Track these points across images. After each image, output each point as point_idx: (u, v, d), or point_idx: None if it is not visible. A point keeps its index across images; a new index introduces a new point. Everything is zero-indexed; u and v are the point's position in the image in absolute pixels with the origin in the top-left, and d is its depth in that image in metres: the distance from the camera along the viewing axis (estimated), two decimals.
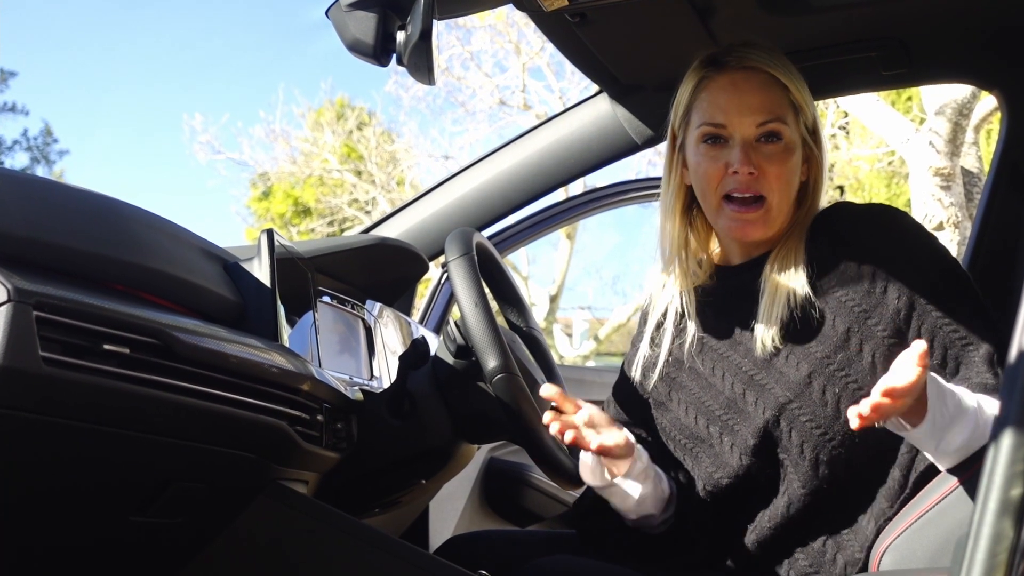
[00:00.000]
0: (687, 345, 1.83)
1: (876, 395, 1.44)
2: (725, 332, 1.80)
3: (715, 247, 1.89)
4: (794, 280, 1.72)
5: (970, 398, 1.57)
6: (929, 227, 6.27)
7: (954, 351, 1.64)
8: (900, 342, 1.63)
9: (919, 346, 1.44)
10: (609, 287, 23.60)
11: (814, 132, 1.78)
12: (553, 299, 15.86)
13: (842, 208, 1.79)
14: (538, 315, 15.36)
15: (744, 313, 1.77)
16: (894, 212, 1.75)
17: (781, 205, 1.74)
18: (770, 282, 1.74)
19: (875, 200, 13.01)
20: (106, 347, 1.14)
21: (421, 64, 1.52)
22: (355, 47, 1.53)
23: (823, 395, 1.65)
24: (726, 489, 1.74)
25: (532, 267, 16.61)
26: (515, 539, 2.08)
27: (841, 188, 13.74)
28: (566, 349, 16.28)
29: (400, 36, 1.53)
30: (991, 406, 1.57)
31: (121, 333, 1.16)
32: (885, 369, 1.60)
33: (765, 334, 1.72)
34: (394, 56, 1.55)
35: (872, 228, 1.72)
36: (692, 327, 1.83)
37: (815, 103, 1.83)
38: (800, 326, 1.70)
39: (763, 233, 1.75)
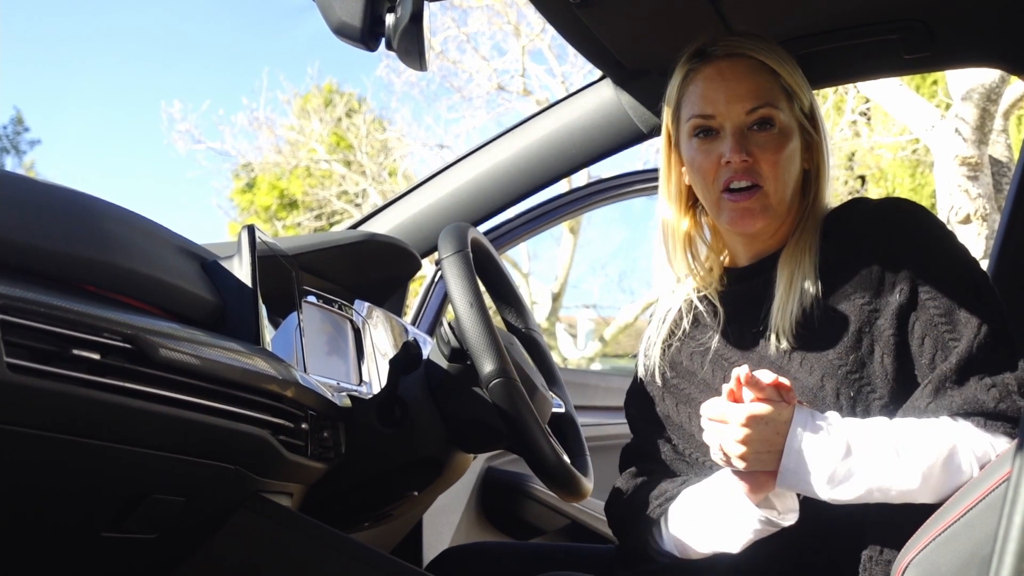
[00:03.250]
0: (697, 355, 1.84)
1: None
2: (736, 339, 1.81)
3: (724, 251, 1.91)
4: (806, 281, 1.74)
5: (880, 435, 1.60)
6: (956, 220, 6.32)
7: (943, 353, 1.65)
8: (903, 340, 1.67)
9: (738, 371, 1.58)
10: (615, 284, 23.61)
11: (812, 117, 1.81)
12: (556, 297, 15.87)
13: (857, 204, 1.81)
14: (540, 314, 15.37)
15: (754, 318, 1.79)
16: (910, 206, 1.76)
17: (781, 193, 1.76)
18: (781, 284, 1.76)
19: (899, 191, 13.02)
20: (75, 352, 1.14)
21: (411, 48, 1.52)
22: (341, 30, 1.53)
23: (837, 399, 1.67)
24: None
25: (533, 263, 16.62)
26: (513, 552, 2.09)
27: (863, 178, 13.74)
28: (570, 350, 16.29)
29: (389, 18, 1.52)
30: (918, 431, 1.60)
31: (91, 337, 1.16)
32: (896, 369, 1.66)
33: (778, 338, 1.74)
34: (383, 40, 1.54)
35: (885, 224, 1.73)
36: (701, 335, 1.85)
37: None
38: (812, 329, 1.72)
39: (765, 223, 1.77)
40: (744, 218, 1.76)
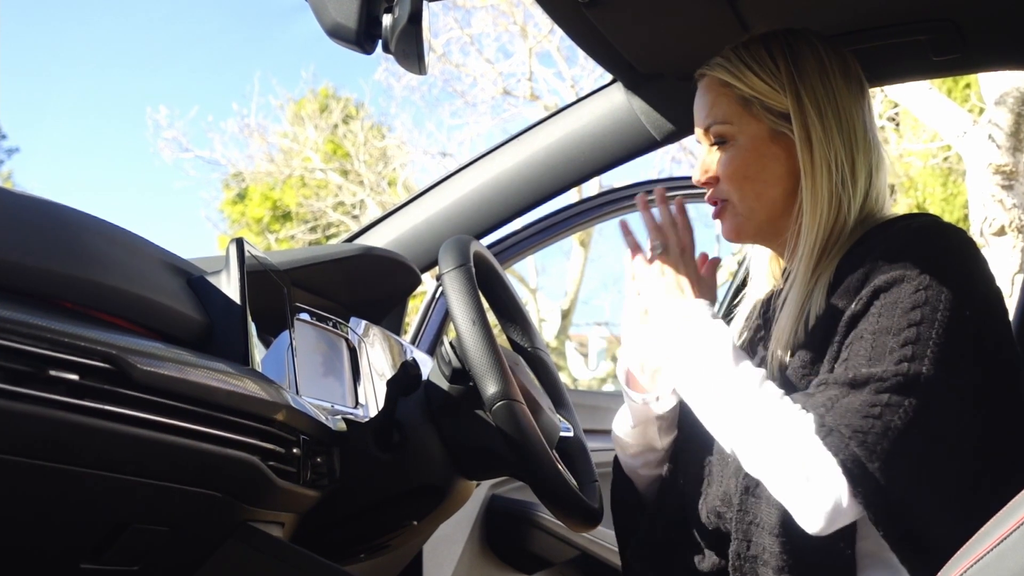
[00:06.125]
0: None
1: None
2: (756, 345, 1.87)
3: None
4: (811, 294, 1.75)
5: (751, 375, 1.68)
6: (989, 232, 6.32)
7: (848, 364, 1.62)
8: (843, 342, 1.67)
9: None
10: None
11: (788, 116, 1.80)
12: (565, 314, 15.88)
13: (897, 221, 1.77)
14: (549, 332, 15.38)
15: (768, 320, 1.84)
16: (937, 228, 1.70)
17: (750, 203, 1.83)
18: (790, 296, 1.78)
19: (929, 201, 13.01)
20: (52, 373, 1.14)
21: (410, 51, 1.53)
22: (335, 32, 1.53)
23: None
24: (720, 518, 1.79)
25: (541, 278, 16.67)
26: None
27: (892, 187, 13.72)
28: (580, 371, 16.29)
29: (386, 19, 1.53)
30: (776, 405, 1.63)
31: (69, 357, 1.16)
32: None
33: (777, 349, 1.77)
34: (379, 42, 1.55)
35: (894, 239, 1.69)
36: (750, 335, 1.92)
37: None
38: (812, 339, 1.72)
39: (736, 233, 1.86)
40: (721, 228, 1.88)
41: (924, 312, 1.60)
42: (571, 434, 2.08)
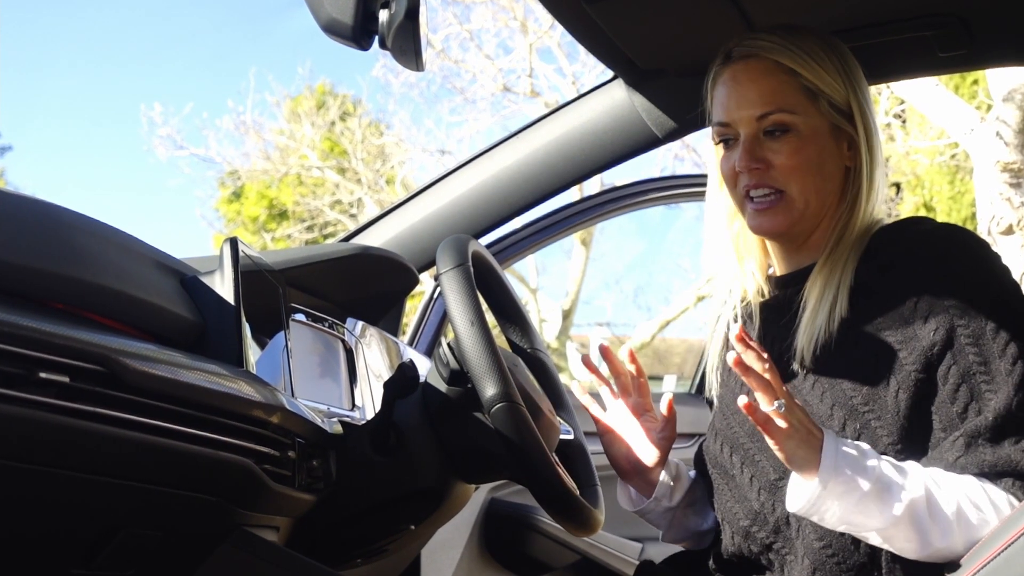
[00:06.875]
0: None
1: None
2: (774, 336, 1.85)
3: (769, 260, 1.95)
4: (836, 302, 1.74)
5: (917, 483, 1.60)
6: (997, 230, 6.32)
7: (976, 405, 1.64)
8: (928, 378, 1.66)
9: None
10: (631, 301, 23.60)
11: (850, 112, 1.80)
12: (566, 315, 15.87)
13: (909, 224, 1.80)
14: (550, 332, 15.37)
15: (783, 334, 1.79)
16: (964, 236, 1.75)
17: (806, 196, 1.79)
18: (811, 303, 1.77)
19: (936, 199, 13.00)
20: (43, 375, 1.14)
21: (407, 47, 1.53)
22: (331, 28, 1.53)
23: (843, 430, 1.69)
24: (745, 534, 1.80)
25: (542, 278, 16.65)
26: None
27: (898, 185, 13.73)
28: (581, 371, 16.27)
29: (383, 15, 1.53)
30: (959, 496, 1.60)
31: (60, 359, 1.16)
32: (909, 406, 1.66)
33: (801, 356, 1.76)
34: (376, 38, 1.55)
35: (929, 250, 1.72)
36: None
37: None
38: (834, 352, 1.72)
39: (788, 223, 1.80)
40: (762, 220, 1.81)
41: (1012, 324, 1.65)
42: (571, 436, 2.07)
